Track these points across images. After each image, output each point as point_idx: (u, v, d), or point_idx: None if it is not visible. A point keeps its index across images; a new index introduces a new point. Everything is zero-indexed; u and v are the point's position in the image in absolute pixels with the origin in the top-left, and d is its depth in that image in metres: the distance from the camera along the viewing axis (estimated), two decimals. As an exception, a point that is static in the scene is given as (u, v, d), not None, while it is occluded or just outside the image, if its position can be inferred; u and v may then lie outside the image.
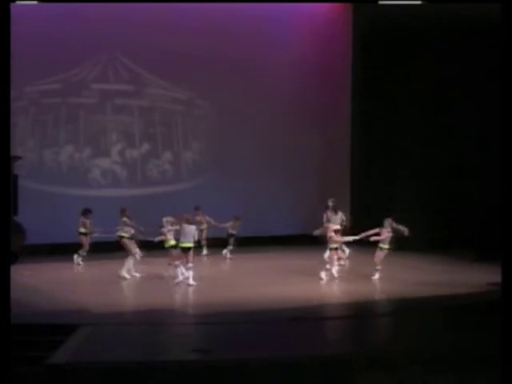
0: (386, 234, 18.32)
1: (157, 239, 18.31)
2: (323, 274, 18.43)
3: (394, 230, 18.33)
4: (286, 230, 23.90)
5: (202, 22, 23.15)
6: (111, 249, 20.26)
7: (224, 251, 22.16)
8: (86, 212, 20.37)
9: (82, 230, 20.45)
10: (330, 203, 21.30)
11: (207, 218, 22.04)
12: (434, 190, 22.95)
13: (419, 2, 20.60)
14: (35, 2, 20.68)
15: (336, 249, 18.76)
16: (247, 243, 22.63)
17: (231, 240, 22.27)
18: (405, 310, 15.79)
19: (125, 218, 18.88)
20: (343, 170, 25.55)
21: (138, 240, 19.01)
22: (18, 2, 18.89)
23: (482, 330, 13.29)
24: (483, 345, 12.25)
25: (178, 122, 24.13)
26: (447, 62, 22.39)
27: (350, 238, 18.95)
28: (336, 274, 18.69)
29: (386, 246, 18.43)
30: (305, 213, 22.89)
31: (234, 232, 22.26)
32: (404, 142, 23.98)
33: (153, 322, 14.33)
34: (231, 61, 23.66)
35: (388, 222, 18.43)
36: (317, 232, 19.63)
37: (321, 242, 19.76)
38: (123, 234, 18.84)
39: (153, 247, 18.90)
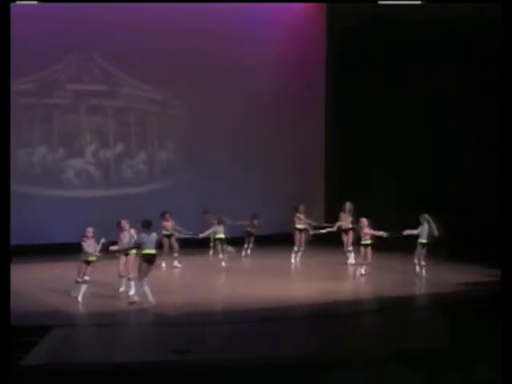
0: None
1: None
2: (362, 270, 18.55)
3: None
4: (261, 230, 23.77)
5: (175, 23, 23.14)
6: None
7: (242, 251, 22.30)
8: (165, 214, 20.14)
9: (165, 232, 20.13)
10: (301, 206, 21.71)
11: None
12: (415, 189, 22.65)
13: (419, 2, 20.51)
14: (35, 2, 20.59)
15: (367, 245, 18.56)
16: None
17: (249, 239, 22.42)
18: (392, 308, 15.89)
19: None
20: (318, 170, 25.65)
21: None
22: (17, 2, 18.80)
23: (479, 329, 13.35)
24: (483, 344, 12.31)
25: (153, 123, 24.08)
26: (443, 61, 22.16)
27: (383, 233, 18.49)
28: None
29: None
30: (280, 212, 22.86)
31: (252, 231, 22.38)
32: (380, 142, 23.94)
33: (129, 322, 14.31)
34: (206, 61, 23.59)
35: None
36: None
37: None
38: None
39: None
